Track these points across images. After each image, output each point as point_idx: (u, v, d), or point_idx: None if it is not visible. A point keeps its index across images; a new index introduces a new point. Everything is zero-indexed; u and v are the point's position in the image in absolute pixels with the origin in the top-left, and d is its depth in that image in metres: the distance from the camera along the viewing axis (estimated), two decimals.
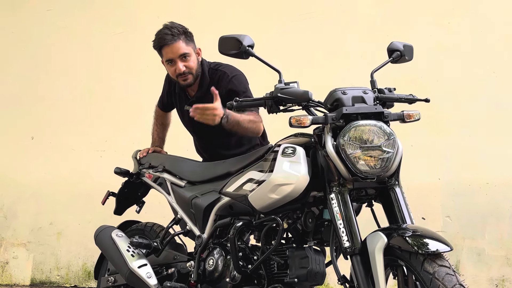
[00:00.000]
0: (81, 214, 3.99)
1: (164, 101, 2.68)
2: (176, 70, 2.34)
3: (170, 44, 2.31)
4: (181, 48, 2.31)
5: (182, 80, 2.37)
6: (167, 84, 2.63)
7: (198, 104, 2.08)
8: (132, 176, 2.61)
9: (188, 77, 2.35)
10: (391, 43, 2.04)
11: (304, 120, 1.75)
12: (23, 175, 4.21)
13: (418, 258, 1.53)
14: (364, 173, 1.70)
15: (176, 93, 2.54)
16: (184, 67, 2.33)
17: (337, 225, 1.70)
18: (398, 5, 3.63)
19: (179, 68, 2.32)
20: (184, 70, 2.33)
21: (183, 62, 2.33)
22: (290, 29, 3.77)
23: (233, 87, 2.33)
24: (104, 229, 2.47)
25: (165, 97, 2.66)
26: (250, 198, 1.92)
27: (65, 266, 4.09)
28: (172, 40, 2.30)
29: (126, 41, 4.10)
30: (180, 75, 2.35)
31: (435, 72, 3.50)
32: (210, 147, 2.52)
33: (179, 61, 2.32)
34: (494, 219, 3.36)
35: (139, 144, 2.88)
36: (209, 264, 2.10)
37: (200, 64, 2.40)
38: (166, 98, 2.65)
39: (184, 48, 2.32)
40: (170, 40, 2.30)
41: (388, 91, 1.88)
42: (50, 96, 4.23)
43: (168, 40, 2.30)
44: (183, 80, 2.36)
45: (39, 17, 4.31)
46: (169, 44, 2.31)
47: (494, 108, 3.42)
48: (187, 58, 2.33)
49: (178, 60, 2.32)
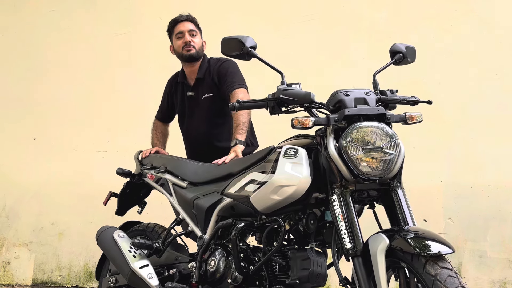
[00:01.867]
0: (83, 215, 3.99)
1: (164, 110, 2.86)
2: (183, 41, 2.67)
3: (182, 21, 2.71)
4: (191, 25, 2.70)
5: (186, 51, 2.67)
6: (168, 88, 2.83)
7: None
8: (134, 177, 2.62)
9: (191, 48, 2.67)
10: (393, 45, 2.04)
11: (306, 122, 1.75)
12: (25, 175, 4.22)
13: (420, 260, 1.53)
14: (366, 174, 1.70)
15: (178, 83, 2.77)
16: (191, 39, 2.67)
17: (339, 226, 1.70)
18: (401, 7, 3.63)
19: (186, 38, 2.67)
20: (190, 41, 2.67)
21: (190, 37, 2.68)
22: (292, 30, 3.78)
23: (222, 67, 2.65)
24: (106, 229, 2.47)
25: (165, 103, 2.84)
26: (252, 199, 1.92)
27: (67, 266, 4.09)
28: (186, 19, 2.72)
29: (129, 42, 4.11)
30: (186, 45, 2.67)
31: (438, 74, 3.50)
32: (204, 138, 2.64)
33: (187, 34, 2.68)
34: (496, 221, 3.35)
35: (141, 145, 2.89)
36: (211, 265, 2.10)
37: (203, 50, 2.73)
38: (167, 103, 2.83)
39: (193, 27, 2.71)
40: (184, 19, 2.72)
41: (390, 93, 1.88)
42: (52, 96, 4.24)
43: (183, 18, 2.72)
44: (187, 50, 2.67)
45: (42, 18, 4.32)
46: (181, 21, 2.71)
47: (497, 110, 3.41)
48: (194, 36, 2.70)
49: (186, 32, 2.68)
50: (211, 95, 2.65)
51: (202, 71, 2.69)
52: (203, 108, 2.66)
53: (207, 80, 2.67)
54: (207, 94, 2.66)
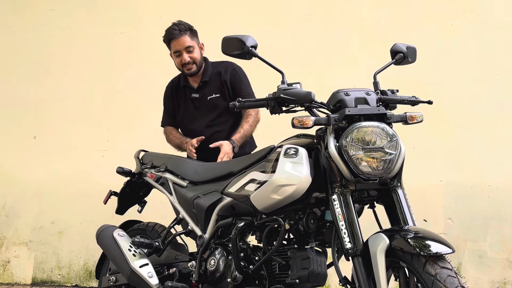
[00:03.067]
0: (82, 214, 3.99)
1: (172, 115, 2.81)
2: (182, 60, 2.67)
3: (177, 37, 2.65)
4: (186, 41, 2.66)
5: (187, 70, 2.69)
6: (169, 93, 2.83)
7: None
8: (134, 176, 2.62)
9: (192, 67, 2.68)
10: (394, 44, 2.04)
11: (307, 121, 1.75)
12: (25, 174, 4.22)
13: (420, 259, 1.53)
14: (366, 174, 1.70)
15: (181, 87, 2.77)
16: (189, 58, 2.66)
17: (339, 226, 1.70)
18: (402, 7, 3.63)
19: (184, 58, 2.66)
20: (189, 60, 2.66)
21: (188, 54, 2.66)
22: (293, 30, 3.77)
23: (237, 76, 2.69)
24: (106, 228, 2.47)
25: (171, 108, 2.81)
26: (252, 198, 1.92)
27: (67, 265, 4.09)
28: (179, 35, 2.65)
29: (129, 41, 4.11)
30: (185, 65, 2.67)
31: (438, 74, 3.50)
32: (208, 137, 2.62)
33: (185, 53, 2.66)
34: (496, 221, 3.35)
35: (141, 144, 2.89)
36: (211, 264, 2.10)
37: (202, 57, 2.73)
38: (172, 107, 2.80)
39: (189, 42, 2.66)
40: (177, 35, 2.65)
41: (391, 93, 1.88)
42: (52, 95, 4.24)
43: (176, 35, 2.65)
44: (187, 69, 2.69)
45: (43, 17, 4.32)
46: (176, 38, 2.65)
47: (497, 110, 3.41)
48: (192, 51, 2.67)
49: (184, 51, 2.66)
50: (218, 95, 2.68)
51: (207, 75, 2.71)
52: (209, 108, 2.69)
53: (214, 82, 2.70)
54: (213, 95, 2.68)
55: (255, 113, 2.67)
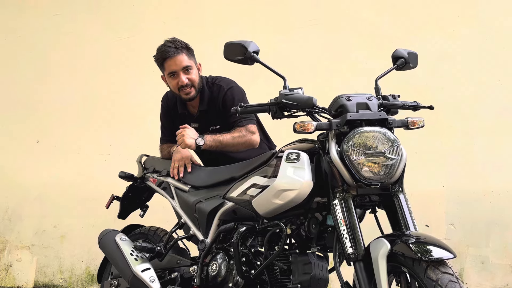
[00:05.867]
0: (85, 218, 4.00)
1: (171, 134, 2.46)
2: (179, 83, 2.34)
3: (173, 56, 2.32)
4: (184, 60, 2.33)
5: (184, 94, 2.36)
6: (165, 111, 2.54)
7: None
8: (136, 180, 2.62)
9: (191, 90, 2.36)
10: (395, 50, 2.05)
11: (309, 126, 1.75)
12: (28, 178, 4.23)
13: (421, 265, 1.53)
14: (368, 179, 1.70)
15: (178, 114, 2.50)
16: (187, 79, 2.34)
17: (341, 231, 1.70)
18: (403, 13, 3.64)
19: (182, 80, 2.33)
20: (187, 82, 2.34)
21: (185, 75, 2.34)
22: (295, 35, 3.78)
23: (228, 99, 2.36)
24: (108, 232, 2.47)
25: (170, 128, 2.50)
26: (254, 203, 1.92)
27: (69, 269, 4.10)
28: (175, 53, 2.32)
29: (132, 46, 4.13)
30: (183, 88, 2.35)
31: (440, 79, 3.50)
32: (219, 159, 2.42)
33: (182, 74, 2.33)
34: (498, 227, 3.34)
35: (144, 148, 2.89)
36: (212, 269, 2.10)
37: (201, 79, 2.41)
38: (167, 126, 2.53)
39: (187, 61, 2.34)
40: (173, 53, 2.32)
41: (392, 98, 1.89)
42: (55, 99, 4.26)
43: (172, 53, 2.32)
44: (185, 93, 2.36)
45: (46, 22, 4.34)
46: (172, 57, 2.32)
47: (499, 115, 3.41)
48: (190, 71, 2.35)
49: (181, 72, 2.33)
50: (218, 127, 2.41)
51: (204, 103, 2.41)
52: None
53: (211, 112, 2.40)
54: (214, 126, 2.41)
55: (246, 133, 2.32)
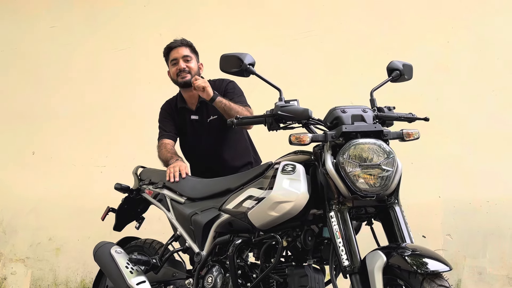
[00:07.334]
0: (80, 230, 3.98)
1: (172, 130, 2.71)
2: (177, 68, 2.64)
3: (177, 47, 2.68)
4: (185, 51, 2.67)
5: (180, 78, 2.64)
6: (166, 112, 2.75)
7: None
8: (132, 192, 2.62)
9: (186, 75, 2.63)
10: (390, 62, 2.06)
11: (304, 138, 1.75)
12: (23, 190, 4.21)
13: (417, 277, 1.53)
14: (363, 191, 1.70)
15: (178, 109, 2.71)
16: (185, 66, 2.64)
17: (337, 243, 1.70)
18: (398, 24, 3.67)
19: (180, 65, 2.64)
20: (184, 67, 2.63)
21: (185, 63, 2.65)
22: (291, 47, 3.81)
23: (229, 88, 2.65)
24: (103, 245, 2.46)
25: (171, 124, 2.72)
26: (250, 215, 1.92)
27: (64, 282, 4.06)
28: (180, 45, 2.68)
29: (129, 57, 4.14)
30: (180, 72, 2.63)
31: (435, 90, 3.52)
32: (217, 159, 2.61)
33: (182, 61, 2.65)
34: (495, 237, 3.34)
35: (140, 160, 2.89)
36: (208, 282, 2.09)
37: (200, 75, 2.67)
38: (167, 124, 2.73)
39: (188, 53, 2.67)
40: (178, 45, 2.68)
41: (387, 110, 1.90)
42: (51, 111, 4.26)
43: (176, 44, 2.69)
44: (181, 78, 2.64)
45: (43, 34, 4.36)
46: (175, 47, 2.68)
47: (494, 126, 3.42)
48: (189, 61, 2.67)
49: (181, 59, 2.65)
50: (215, 117, 2.61)
51: None
52: (211, 130, 2.63)
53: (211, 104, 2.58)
54: (212, 117, 2.63)
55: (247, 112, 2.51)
